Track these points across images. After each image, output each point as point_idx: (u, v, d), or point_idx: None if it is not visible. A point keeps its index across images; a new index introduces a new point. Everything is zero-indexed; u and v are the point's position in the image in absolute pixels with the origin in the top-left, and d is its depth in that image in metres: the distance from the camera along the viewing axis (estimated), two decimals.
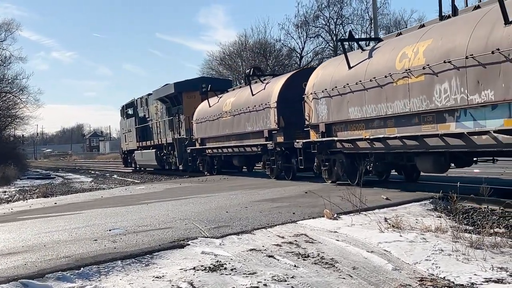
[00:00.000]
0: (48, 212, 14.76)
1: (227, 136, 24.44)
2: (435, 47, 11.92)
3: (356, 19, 50.30)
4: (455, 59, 11.12)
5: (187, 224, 10.29)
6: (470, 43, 10.82)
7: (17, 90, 61.28)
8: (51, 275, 6.93)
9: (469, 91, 10.81)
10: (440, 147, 12.02)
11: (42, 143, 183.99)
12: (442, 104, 11.59)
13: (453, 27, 11.87)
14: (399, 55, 13.11)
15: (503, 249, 7.42)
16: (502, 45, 9.96)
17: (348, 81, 14.99)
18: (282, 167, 20.28)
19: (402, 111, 12.85)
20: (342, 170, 16.12)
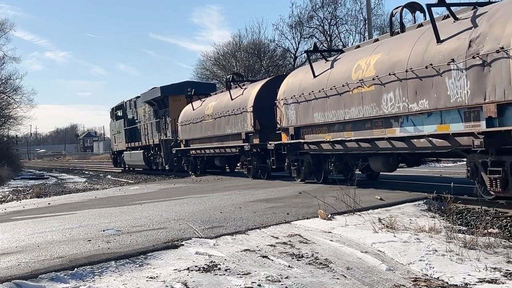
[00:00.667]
0: (42, 213, 14.72)
1: (209, 137, 25.86)
2: (384, 60, 13.46)
3: (350, 19, 50.24)
4: (398, 72, 12.70)
5: (181, 225, 10.27)
6: (410, 58, 12.42)
7: (11, 90, 61.26)
8: (44, 275, 6.91)
9: (409, 100, 12.46)
10: (388, 149, 13.55)
11: (36, 144, 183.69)
12: (389, 111, 13.19)
13: (398, 43, 13.41)
14: (354, 66, 14.67)
15: (496, 250, 7.44)
16: (434, 61, 11.59)
17: (313, 89, 16.59)
18: (258, 167, 21.79)
19: (357, 117, 14.44)
20: (309, 169, 17.73)
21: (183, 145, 29.53)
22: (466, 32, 11.06)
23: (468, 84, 10.80)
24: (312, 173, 17.75)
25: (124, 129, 41.16)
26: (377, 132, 13.85)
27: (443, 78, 11.44)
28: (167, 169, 32.78)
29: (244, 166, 23.11)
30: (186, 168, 30.09)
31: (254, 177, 21.91)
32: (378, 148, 13.85)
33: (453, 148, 11.53)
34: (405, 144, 12.81)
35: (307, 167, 17.79)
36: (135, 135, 39.20)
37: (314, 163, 17.42)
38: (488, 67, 10.33)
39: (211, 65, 59.90)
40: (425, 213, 10.47)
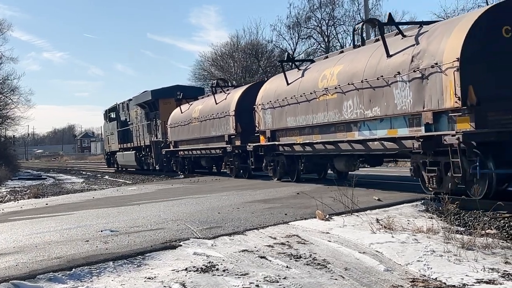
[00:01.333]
0: (40, 213, 14.71)
1: (195, 139, 27.47)
2: (345, 71, 15.09)
3: (348, 20, 50.24)
4: (356, 82, 14.31)
5: (179, 225, 10.27)
6: (366, 69, 14.06)
7: (8, 90, 61.05)
8: (42, 276, 6.91)
9: (365, 107, 14.10)
10: (349, 151, 15.25)
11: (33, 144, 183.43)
12: (349, 117, 14.82)
13: (358, 56, 15.05)
14: (321, 75, 16.31)
15: (494, 250, 7.45)
16: (384, 73, 13.25)
17: (286, 95, 18.30)
18: (239, 167, 23.51)
19: (323, 121, 16.07)
20: (284, 169, 19.51)
21: (172, 146, 30.91)
22: (410, 48, 12.67)
23: (410, 94, 12.43)
24: (287, 172, 19.42)
25: (117, 131, 42.43)
26: (340, 135, 15.46)
27: (391, 89, 13.05)
28: (157, 169, 34.04)
29: (227, 166, 24.74)
30: (175, 168, 31.47)
31: (237, 176, 23.56)
32: (340, 149, 15.57)
33: (400, 150, 13.16)
34: (362, 146, 14.43)
35: (282, 167, 19.58)
36: (127, 137, 40.32)
37: (288, 164, 19.15)
38: (426, 80, 11.93)
39: (209, 66, 59.96)
40: (423, 214, 10.49)
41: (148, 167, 36.17)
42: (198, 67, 61.41)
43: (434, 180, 12.01)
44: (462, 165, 11.12)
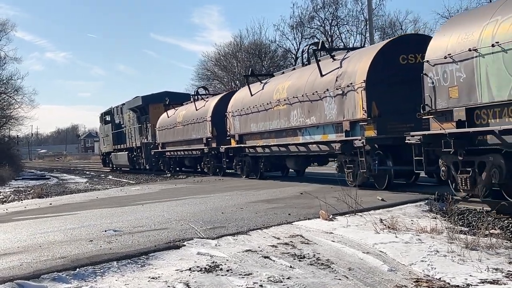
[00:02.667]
0: (43, 213, 14.74)
1: (179, 141, 30.74)
2: (292, 85, 18.55)
3: (351, 20, 50.22)
4: (299, 95, 17.68)
5: (182, 225, 10.28)
6: (306, 85, 17.45)
7: (12, 90, 61.07)
8: (46, 275, 6.93)
9: (305, 117, 17.48)
10: (296, 152, 18.62)
11: (37, 144, 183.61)
12: (295, 124, 18.20)
13: (302, 73, 18.46)
14: (276, 89, 19.82)
15: (498, 250, 7.44)
16: (318, 89, 16.57)
17: (250, 105, 21.63)
18: (215, 166, 26.75)
19: (277, 127, 19.56)
20: (249, 168, 22.85)
21: (160, 147, 34.02)
22: (336, 70, 15.96)
23: (335, 107, 15.74)
24: (252, 171, 22.69)
25: (111, 133, 45.15)
26: (289, 139, 18.77)
27: (323, 102, 16.36)
28: (147, 168, 37.02)
29: (205, 166, 27.94)
30: (163, 167, 34.52)
31: (214, 174, 26.86)
32: (290, 151, 18.93)
33: (330, 151, 16.36)
34: (305, 148, 17.70)
35: (248, 166, 22.94)
36: (121, 138, 42.99)
37: (253, 163, 22.50)
38: (345, 96, 15.25)
39: (212, 66, 59.96)
40: (427, 214, 10.48)
41: (139, 166, 38.84)
42: (202, 67, 61.49)
43: (351, 175, 15.54)
44: (367, 163, 14.53)
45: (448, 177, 11.73)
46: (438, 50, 11.81)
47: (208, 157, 27.22)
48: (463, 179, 11.09)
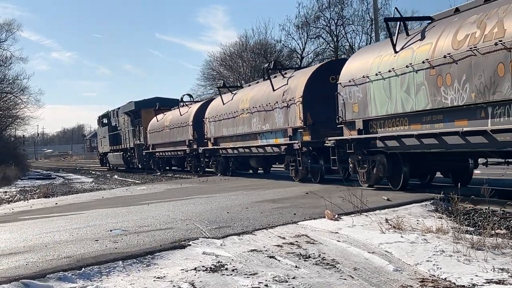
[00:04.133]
0: (49, 213, 14.77)
1: (167, 143, 34.14)
2: (253, 97, 22.39)
3: (357, 19, 50.02)
4: (257, 106, 21.55)
5: (188, 225, 10.29)
6: (262, 97, 21.39)
7: (18, 90, 61.18)
8: (52, 275, 6.94)
9: (262, 124, 21.41)
10: (256, 153, 22.50)
11: (43, 144, 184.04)
12: (255, 130, 22.05)
13: (262, 87, 22.34)
14: (241, 99, 23.55)
15: (504, 250, 7.42)
16: (271, 101, 20.50)
17: (222, 112, 25.36)
18: (196, 165, 30.53)
19: (242, 132, 23.25)
20: (222, 166, 26.51)
21: (151, 148, 37.51)
22: (284, 86, 19.89)
23: (282, 116, 19.72)
24: (225, 169, 26.24)
25: (108, 134, 48.59)
26: (251, 142, 22.49)
27: (274, 112, 20.34)
28: (140, 167, 40.60)
29: (187, 164, 31.74)
30: (153, 166, 38.23)
31: (196, 172, 30.32)
32: (252, 152, 22.67)
33: (280, 152, 20.23)
34: (263, 150, 21.62)
35: (221, 165, 26.63)
36: (117, 140, 46.46)
37: (225, 162, 26.30)
38: (289, 108, 19.16)
39: (217, 66, 59.97)
40: (432, 214, 10.46)
41: (133, 166, 42.42)
42: (207, 67, 61.51)
43: (293, 171, 19.53)
44: (303, 162, 18.50)
45: (355, 172, 15.68)
46: (346, 75, 15.75)
47: (190, 157, 30.80)
48: (362, 173, 15.22)
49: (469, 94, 11.15)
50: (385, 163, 14.33)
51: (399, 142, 13.47)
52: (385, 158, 14.35)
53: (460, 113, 11.59)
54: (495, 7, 11.06)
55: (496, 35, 10.48)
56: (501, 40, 10.29)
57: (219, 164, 26.81)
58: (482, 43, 10.80)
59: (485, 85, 10.73)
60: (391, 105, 13.65)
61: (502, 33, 10.37)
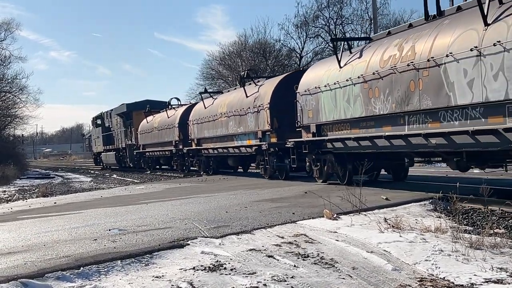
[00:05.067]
0: (48, 212, 14.76)
1: (156, 143, 36.55)
2: (230, 102, 24.71)
3: (356, 19, 49.97)
4: (233, 110, 23.82)
5: (186, 224, 10.29)
6: (237, 102, 23.67)
7: (17, 89, 61.17)
8: (50, 274, 6.93)
9: (237, 127, 23.60)
10: (233, 153, 24.93)
11: (42, 143, 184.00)
12: (231, 132, 24.30)
13: (237, 93, 24.48)
14: (220, 104, 25.90)
15: (503, 250, 7.42)
16: (244, 106, 22.73)
17: (204, 115, 27.71)
18: (181, 164, 33.06)
19: (221, 134, 25.53)
20: (205, 165, 28.98)
21: (141, 148, 39.93)
22: (255, 93, 22.15)
23: (254, 120, 21.95)
24: (206, 168, 28.72)
25: (102, 135, 50.92)
26: (228, 143, 24.79)
27: (247, 116, 22.51)
28: (131, 166, 42.99)
29: (174, 163, 34.14)
30: (143, 165, 40.48)
31: (181, 171, 32.81)
32: (229, 152, 25.14)
33: (252, 152, 22.45)
34: (238, 150, 23.86)
35: (203, 164, 29.15)
36: (110, 140, 48.72)
37: (207, 162, 28.83)
38: (259, 113, 21.45)
39: (216, 65, 59.91)
40: (431, 213, 10.46)
41: (125, 164, 44.83)
42: (206, 66, 61.43)
43: (263, 170, 21.93)
44: (271, 161, 21.04)
45: (311, 169, 18.09)
46: (303, 85, 18.14)
47: (176, 156, 33.25)
48: (316, 170, 17.75)
49: (391, 104, 13.44)
50: (333, 161, 16.80)
51: (343, 143, 15.79)
52: (333, 157, 16.78)
53: (386, 120, 13.90)
54: (411, 33, 13.38)
55: (409, 57, 12.73)
56: (412, 61, 12.52)
57: (201, 163, 29.31)
58: (400, 63, 13.05)
59: (402, 98, 12.98)
60: (336, 112, 15.99)
61: (413, 56, 12.60)
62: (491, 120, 10.72)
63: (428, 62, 12.06)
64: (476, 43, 10.84)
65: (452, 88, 11.45)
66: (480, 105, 10.89)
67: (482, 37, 10.78)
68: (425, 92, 12.23)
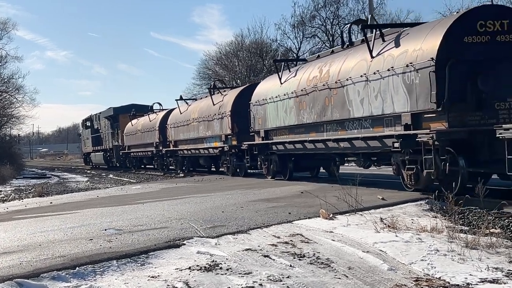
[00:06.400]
0: (44, 212, 14.73)
1: (139, 144, 40.14)
2: (200, 108, 28.37)
3: (353, 19, 49.94)
4: (203, 116, 27.56)
5: (182, 224, 10.28)
6: (206, 109, 27.37)
7: (13, 89, 61.15)
8: (46, 274, 6.91)
9: (206, 130, 27.24)
10: (203, 154, 28.63)
11: (38, 143, 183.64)
12: (202, 135, 27.89)
13: (207, 101, 28.14)
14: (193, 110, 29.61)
15: (498, 249, 7.43)
16: (211, 113, 26.31)
17: (180, 120, 31.26)
18: (161, 163, 36.19)
19: (193, 137, 29.26)
20: (182, 165, 32.46)
21: (127, 149, 43.44)
22: (220, 102, 25.62)
23: (219, 125, 25.47)
24: (183, 167, 32.08)
25: (91, 136, 54.61)
26: (199, 145, 28.37)
27: (213, 122, 26.10)
28: (118, 166, 46.36)
29: (155, 163, 37.52)
30: (128, 164, 43.97)
31: (161, 170, 35.66)
32: (200, 153, 28.89)
33: (217, 153, 26.16)
34: (207, 151, 27.63)
35: (179, 163, 32.67)
36: (98, 141, 52.29)
37: (182, 161, 32.33)
38: (222, 119, 24.93)
39: (213, 65, 59.89)
40: (427, 213, 10.47)
41: (112, 164, 48.29)
42: (203, 66, 61.42)
43: (226, 168, 25.50)
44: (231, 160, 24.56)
45: (261, 168, 21.65)
46: (255, 97, 21.94)
47: (157, 156, 36.65)
48: (265, 168, 21.36)
49: (314, 115, 17.03)
50: (277, 161, 20.34)
51: (283, 146, 19.34)
52: (277, 157, 20.32)
53: (311, 128, 17.51)
54: (330, 59, 17.00)
55: (325, 78, 16.34)
56: (327, 82, 16.12)
57: (177, 162, 32.83)
58: (319, 83, 16.67)
59: (321, 110, 16.60)
60: (278, 120, 19.75)
61: (328, 77, 16.20)
62: (375, 129, 14.27)
63: (336, 83, 15.63)
64: (365, 71, 14.32)
65: (351, 104, 15.03)
66: (368, 118, 14.45)
67: (369, 66, 14.28)
68: (335, 107, 15.84)
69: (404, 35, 13.86)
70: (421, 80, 12.27)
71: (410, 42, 13.20)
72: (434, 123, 12.20)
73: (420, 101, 12.36)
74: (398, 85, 13.09)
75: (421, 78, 12.29)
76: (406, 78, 12.83)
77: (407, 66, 12.70)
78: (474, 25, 12.10)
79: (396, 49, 13.52)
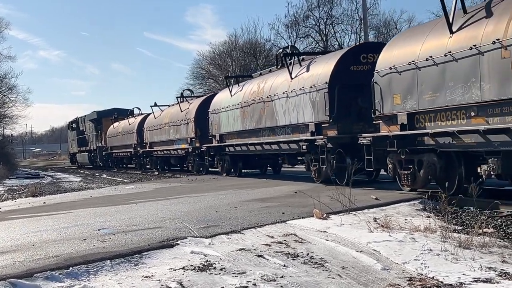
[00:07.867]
0: (37, 212, 14.68)
1: (120, 146, 43.89)
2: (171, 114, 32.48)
3: (346, 19, 50.14)
4: (173, 121, 31.56)
5: (176, 224, 10.26)
6: (176, 116, 31.33)
7: (6, 89, 60.94)
8: (39, 274, 6.89)
9: (175, 134, 31.22)
10: (174, 154, 32.50)
11: (31, 143, 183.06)
12: (172, 138, 31.82)
13: (176, 108, 31.65)
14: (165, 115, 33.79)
15: (491, 249, 7.46)
16: (179, 118, 30.49)
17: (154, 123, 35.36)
18: (139, 163, 39.83)
19: (165, 139, 33.22)
20: (155, 164, 36.40)
21: (109, 150, 47.20)
22: (186, 109, 29.55)
23: (185, 130, 29.31)
24: (157, 166, 36.08)
25: (76, 138, 58.24)
26: (170, 147, 32.36)
27: (181, 126, 29.84)
28: (101, 165, 49.43)
29: (133, 162, 41.44)
30: (111, 164, 47.67)
31: (139, 169, 39.26)
32: (171, 153, 32.79)
33: (183, 154, 29.97)
34: (176, 152, 31.44)
35: (154, 162, 36.67)
36: (83, 142, 55.86)
37: (157, 161, 36.40)
38: (188, 124, 28.87)
39: (207, 65, 59.86)
40: (420, 213, 10.50)
41: (96, 164, 51.23)
42: (196, 66, 61.40)
43: (191, 167, 29.80)
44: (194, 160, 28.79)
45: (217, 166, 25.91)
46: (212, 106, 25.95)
47: (135, 156, 40.47)
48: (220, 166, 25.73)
49: (254, 123, 21.17)
50: (229, 160, 24.16)
51: (233, 148, 22.93)
52: (229, 157, 24.15)
53: (252, 133, 21.58)
54: (268, 76, 21.12)
55: (261, 93, 20.52)
56: (262, 96, 20.35)
57: (152, 162, 36.93)
58: (257, 97, 20.81)
59: (258, 119, 20.79)
60: (229, 126, 23.63)
61: (262, 92, 20.42)
62: (294, 135, 18.44)
63: (267, 97, 19.85)
64: (286, 89, 18.56)
65: (278, 115, 19.25)
66: (290, 126, 18.68)
67: (289, 85, 18.47)
68: (267, 116, 20.03)
69: (314, 62, 17.98)
70: (320, 98, 16.47)
71: (316, 67, 17.37)
72: (329, 131, 16.41)
73: (320, 114, 16.57)
74: (306, 101, 17.30)
75: (320, 97, 16.48)
76: (311, 96, 17.02)
77: (311, 87, 16.93)
78: (358, 57, 16.29)
79: (307, 73, 17.67)
